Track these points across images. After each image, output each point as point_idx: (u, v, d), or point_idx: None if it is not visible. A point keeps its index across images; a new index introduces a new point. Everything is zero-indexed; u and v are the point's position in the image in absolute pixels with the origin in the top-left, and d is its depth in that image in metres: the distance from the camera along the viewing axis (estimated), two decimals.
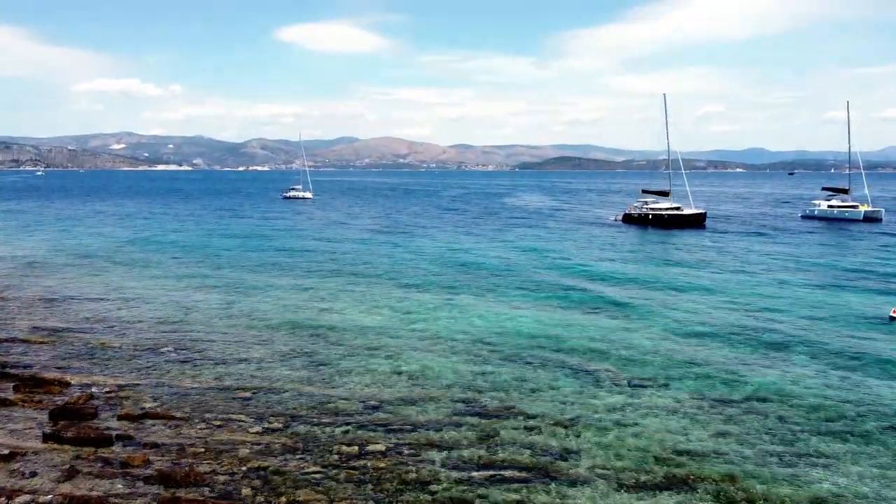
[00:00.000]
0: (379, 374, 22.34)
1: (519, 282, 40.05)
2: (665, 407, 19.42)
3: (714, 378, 22.02)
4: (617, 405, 19.54)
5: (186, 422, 17.89)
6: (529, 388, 20.88)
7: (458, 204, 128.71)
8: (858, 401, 19.90)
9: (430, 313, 31.34)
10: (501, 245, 58.68)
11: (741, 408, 19.39)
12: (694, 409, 19.24)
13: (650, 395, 20.46)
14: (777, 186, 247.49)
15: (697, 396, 20.31)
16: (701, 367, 23.08)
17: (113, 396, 19.69)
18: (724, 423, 18.23)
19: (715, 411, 19.14)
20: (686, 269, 45.12)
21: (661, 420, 18.44)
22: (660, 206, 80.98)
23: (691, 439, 17.21)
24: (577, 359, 24.13)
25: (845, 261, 49.17)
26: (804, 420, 18.42)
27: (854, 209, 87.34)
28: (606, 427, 17.87)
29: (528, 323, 29.57)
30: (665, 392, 20.71)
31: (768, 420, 18.44)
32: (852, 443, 17.05)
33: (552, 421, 18.28)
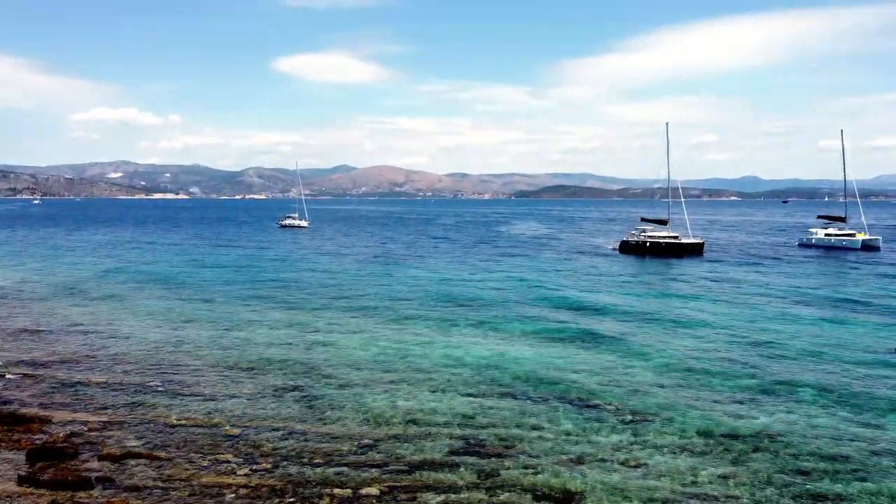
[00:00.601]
0: (373, 410, 21.53)
1: (516, 313, 39.35)
2: (671, 445, 18.64)
3: (720, 414, 21.27)
4: (621, 443, 18.76)
5: (171, 462, 17.05)
6: (530, 425, 20.08)
7: (454, 233, 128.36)
8: (871, 439, 19.15)
9: (426, 346, 30.57)
10: (498, 275, 58.05)
11: (750, 446, 18.61)
12: (701, 448, 18.47)
13: (655, 431, 19.68)
14: (772, 214, 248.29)
15: (704, 434, 19.54)
16: (706, 403, 22.33)
17: (95, 435, 18.84)
18: (734, 464, 17.44)
19: (723, 449, 18.36)
20: (686, 300, 44.49)
21: (667, 459, 17.66)
22: (658, 234, 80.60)
23: (700, 481, 16.41)
24: (578, 393, 23.36)
25: (846, 291, 48.62)
26: (816, 460, 17.64)
27: (851, 237, 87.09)
28: (611, 467, 17.09)
29: (528, 356, 28.83)
30: (670, 428, 19.93)
31: (779, 459, 17.66)
32: (869, 482, 16.28)
33: (554, 460, 17.48)
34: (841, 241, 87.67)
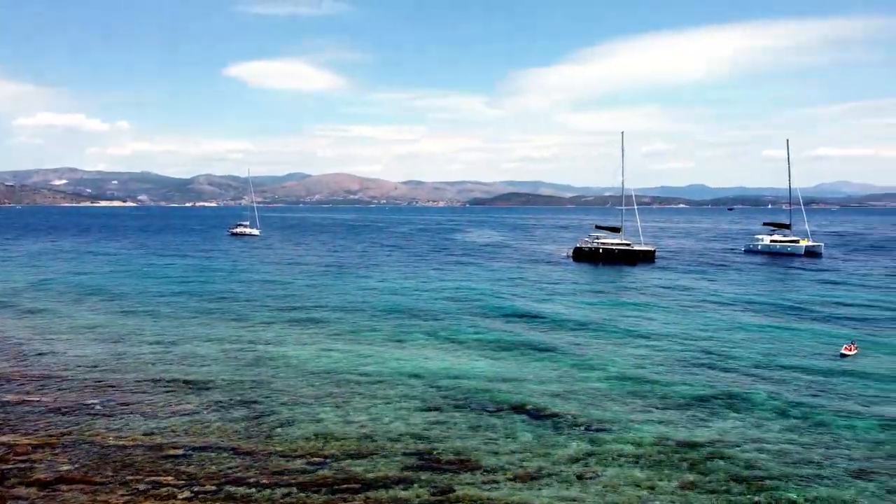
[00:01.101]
0: (325, 425, 20.82)
1: (471, 322, 38.99)
2: (628, 455, 18.43)
3: (675, 422, 21.22)
4: (578, 454, 18.47)
5: (106, 487, 16.08)
6: (486, 438, 19.65)
7: (408, 240, 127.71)
8: (823, 443, 19.31)
9: (379, 358, 29.91)
10: (453, 283, 57.67)
11: (706, 453, 18.54)
12: (658, 457, 18.31)
13: (612, 441, 19.47)
14: (718, 222, 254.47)
15: (660, 442, 19.40)
16: (661, 412, 22.26)
17: (24, 459, 17.68)
18: (690, 472, 17.32)
19: (679, 458, 18.23)
20: (639, 308, 44.81)
21: (625, 470, 17.43)
22: (611, 241, 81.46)
23: (658, 492, 16.22)
24: (534, 404, 23.04)
25: (792, 297, 49.72)
26: (770, 467, 17.64)
27: (795, 244, 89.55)
28: (569, 480, 16.77)
29: (483, 366, 28.45)
30: (627, 438, 19.75)
31: (735, 467, 17.60)
32: (822, 487, 16.32)
33: (511, 475, 17.08)
34: (786, 248, 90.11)
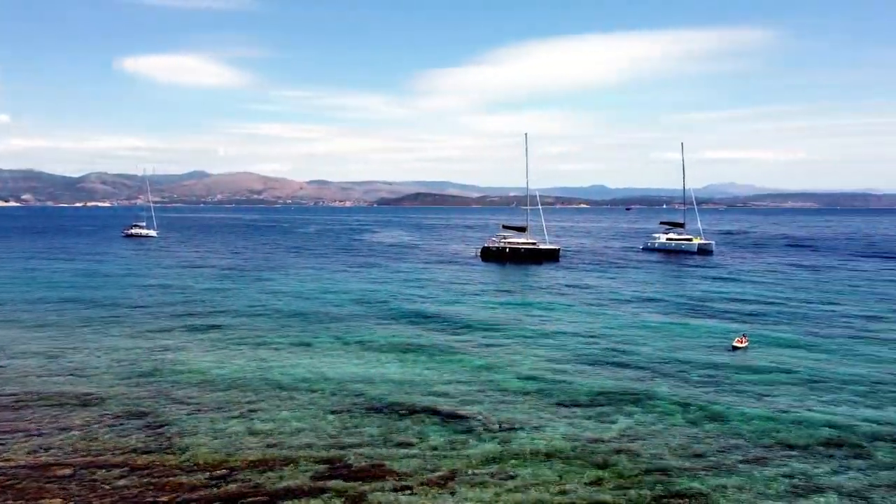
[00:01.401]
0: (229, 435, 19.91)
1: (381, 323, 38.58)
2: (540, 453, 18.60)
3: (584, 419, 21.65)
4: (491, 455, 18.47)
5: None
6: (398, 442, 19.35)
7: (315, 241, 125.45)
8: (721, 435, 20.17)
9: (287, 361, 29.03)
10: (361, 284, 57.01)
11: (614, 448, 18.98)
12: (569, 454, 18.58)
13: (524, 440, 19.61)
14: (617, 221, 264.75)
15: (571, 438, 19.72)
16: (570, 409, 22.66)
17: None
18: (600, 468, 17.65)
19: (589, 454, 18.56)
20: (545, 307, 45.73)
21: (537, 469, 17.56)
22: (517, 241, 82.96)
23: (569, 488, 16.42)
24: (446, 405, 22.94)
25: (687, 292, 52.17)
26: (675, 459, 18.26)
27: (689, 242, 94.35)
28: (483, 481, 16.71)
29: (393, 369, 28.12)
30: (538, 436, 19.95)
31: (641, 461, 18.09)
32: (722, 478, 17.01)
33: (424, 479, 16.85)
34: (680, 246, 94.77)
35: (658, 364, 28.82)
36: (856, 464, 17.90)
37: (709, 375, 26.96)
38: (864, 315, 40.94)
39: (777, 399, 23.72)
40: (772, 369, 27.75)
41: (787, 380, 26.13)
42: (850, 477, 17.10)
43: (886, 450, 18.91)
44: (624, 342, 33.34)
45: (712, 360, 29.59)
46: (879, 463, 18.01)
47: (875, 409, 22.52)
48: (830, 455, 18.51)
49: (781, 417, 21.54)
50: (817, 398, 23.76)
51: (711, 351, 31.41)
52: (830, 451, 18.77)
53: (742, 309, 43.53)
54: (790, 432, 20.24)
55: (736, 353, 30.79)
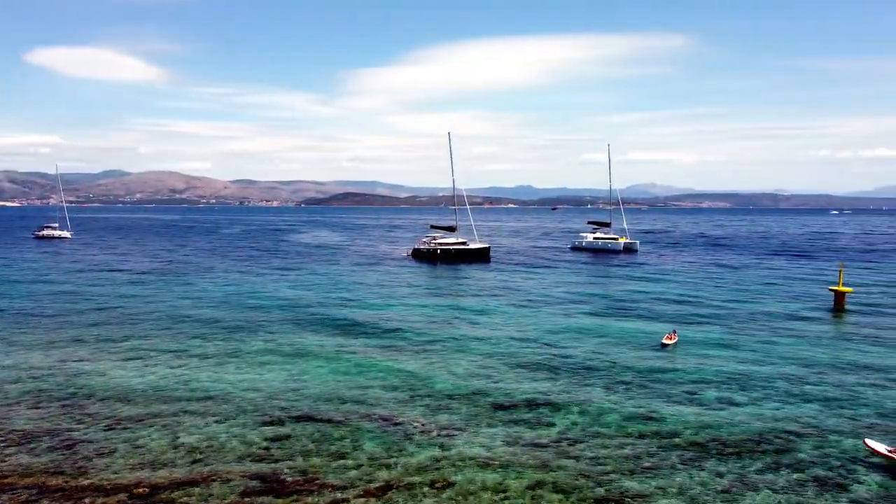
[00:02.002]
0: (151, 450, 18.73)
1: (311, 326, 37.55)
2: (479, 458, 18.27)
3: (522, 419, 21.47)
4: (430, 462, 18.01)
5: None
6: (333, 453, 18.63)
7: (241, 242, 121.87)
8: (656, 433, 20.35)
9: (213, 369, 27.75)
10: (290, 286, 55.55)
11: (553, 451, 18.85)
12: (508, 457, 18.32)
13: (463, 444, 19.24)
14: (545, 220, 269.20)
15: (509, 441, 19.49)
16: (508, 412, 22.45)
17: None
18: (540, 470, 17.46)
19: (528, 457, 18.36)
20: (478, 308, 45.63)
21: (477, 474, 17.21)
22: (447, 241, 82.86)
23: (510, 494, 16.14)
24: (382, 410, 22.35)
25: (615, 292, 53.14)
26: (614, 460, 18.26)
27: (615, 241, 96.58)
28: (422, 491, 16.24)
29: (325, 373, 27.29)
30: (477, 440, 19.63)
31: (581, 463, 18.01)
32: (661, 478, 17.10)
33: (362, 490, 16.24)
34: (607, 245, 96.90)
35: (592, 364, 29.03)
36: (785, 461, 18.33)
37: (641, 374, 27.31)
38: (783, 313, 42.61)
39: (707, 397, 24.20)
40: (700, 367, 28.37)
41: (715, 377, 26.75)
42: (782, 475, 17.49)
43: (810, 446, 19.48)
44: (557, 343, 33.50)
45: (643, 358, 30.04)
46: (806, 460, 18.51)
47: (798, 407, 23.25)
48: (762, 452, 18.91)
49: (713, 416, 21.95)
50: (745, 396, 24.37)
51: (642, 350, 31.90)
52: (762, 448, 19.18)
53: (668, 308, 44.59)
54: (722, 431, 20.61)
55: (666, 351, 31.38)
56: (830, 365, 28.89)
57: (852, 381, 26.31)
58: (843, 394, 24.65)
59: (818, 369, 28.12)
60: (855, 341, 33.88)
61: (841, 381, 26.33)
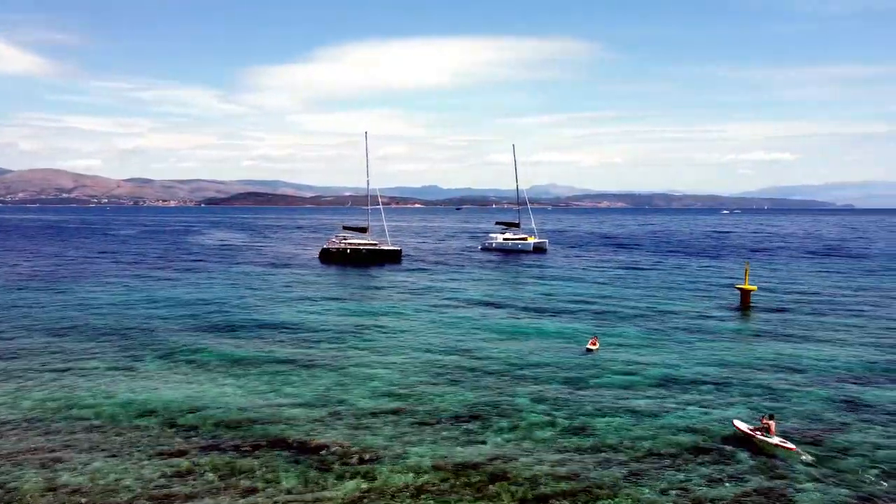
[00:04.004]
0: (23, 494, 15.99)
1: (214, 338, 34.71)
2: (408, 487, 16.65)
3: (450, 440, 19.96)
4: (353, 494, 16.23)
5: None
6: (243, 488, 16.50)
7: (135, 244, 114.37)
8: (591, 447, 19.36)
9: (101, 391, 24.72)
10: (189, 293, 51.84)
11: (488, 472, 17.48)
12: (440, 485, 16.79)
13: (389, 471, 17.55)
14: (452, 220, 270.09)
15: (439, 466, 17.93)
16: (434, 429, 20.91)
17: None
18: (476, 500, 16.02)
19: (462, 484, 16.90)
20: (393, 312, 43.92)
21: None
22: (358, 242, 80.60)
23: None
24: (296, 434, 20.30)
25: (530, 293, 52.72)
26: (553, 480, 17.06)
27: (525, 241, 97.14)
28: None
29: (232, 392, 24.86)
30: (404, 465, 17.98)
31: (518, 486, 16.71)
32: (605, 498, 16.05)
33: None
34: (516, 245, 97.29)
35: (516, 371, 27.97)
36: (727, 471, 17.72)
37: (567, 380, 26.48)
38: (694, 312, 43.29)
39: (637, 403, 23.57)
40: (625, 371, 27.88)
41: (642, 383, 26.25)
42: (724, 485, 16.83)
43: (746, 452, 19.04)
44: (478, 349, 32.29)
45: (568, 364, 29.26)
46: (743, 468, 17.99)
47: (724, 409, 22.96)
48: (700, 462, 18.26)
49: (647, 425, 21.24)
50: (673, 400, 23.92)
51: (565, 355, 31.17)
52: (699, 458, 18.55)
53: (584, 309, 44.40)
54: (657, 440, 19.90)
55: (590, 356, 30.77)
56: (748, 364, 29.08)
57: (772, 379, 26.45)
58: (765, 393, 24.65)
59: (737, 370, 28.21)
60: (767, 339, 34.54)
61: (762, 380, 26.41)
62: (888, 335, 35.54)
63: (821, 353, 31.44)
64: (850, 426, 21.28)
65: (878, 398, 24.28)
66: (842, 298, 48.88)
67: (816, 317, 41.13)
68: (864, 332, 36.56)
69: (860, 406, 23.37)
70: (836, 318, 40.79)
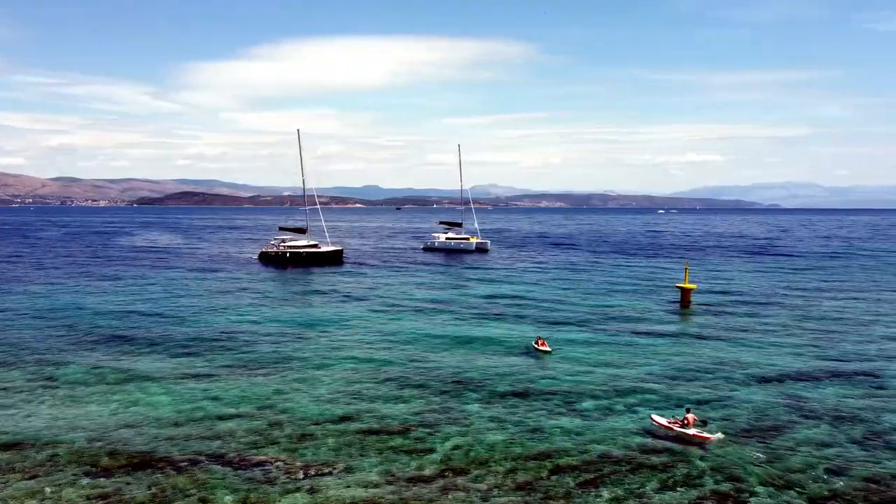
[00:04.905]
0: None
1: (144, 345, 32.95)
2: (357, 501, 15.80)
3: (400, 449, 19.20)
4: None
5: None
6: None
7: (60, 247, 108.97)
8: (543, 455, 18.91)
9: (21, 406, 22.96)
10: (119, 297, 49.40)
11: (439, 485, 16.80)
12: (388, 499, 16.01)
13: (336, 485, 16.67)
14: (393, 220, 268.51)
15: (389, 480, 17.15)
16: (381, 438, 20.11)
17: None
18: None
19: (413, 494, 16.17)
20: (336, 315, 42.82)
21: None
22: (298, 243, 78.76)
23: None
24: (235, 447, 19.18)
25: (474, 293, 52.37)
26: (506, 488, 16.53)
27: (468, 241, 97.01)
28: None
29: (163, 403, 23.46)
30: (352, 478, 17.13)
31: (473, 497, 16.09)
32: None
33: None
34: (459, 245, 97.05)
35: (463, 376, 27.38)
36: (680, 474, 17.53)
37: (516, 384, 26.04)
38: (636, 310, 43.70)
39: (586, 405, 23.33)
40: (573, 374, 27.66)
41: (590, 384, 26.05)
42: (678, 489, 16.63)
43: (697, 453, 18.95)
44: (424, 353, 31.59)
45: (515, 367, 28.88)
46: (695, 470, 17.86)
47: (673, 410, 22.91)
48: (653, 466, 18.04)
49: (597, 429, 20.96)
50: (622, 401, 23.77)
51: (512, 357, 30.80)
52: (651, 461, 18.34)
53: (529, 310, 44.28)
54: (608, 444, 19.63)
55: (537, 358, 30.47)
56: (693, 364, 29.30)
57: (716, 379, 26.68)
58: (711, 393, 24.79)
59: (683, 369, 28.39)
60: (709, 338, 35.00)
61: (707, 380, 26.61)
62: (821, 333, 36.56)
63: (761, 351, 32.02)
64: (796, 425, 21.52)
65: (819, 396, 24.74)
66: (776, 296, 50.27)
67: (753, 315, 42.06)
68: (799, 329, 37.53)
69: (802, 404, 23.72)
70: (772, 316, 41.81)
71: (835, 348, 32.66)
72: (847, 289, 54.93)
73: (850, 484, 17.07)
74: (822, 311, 43.72)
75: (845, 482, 17.15)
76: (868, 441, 20.10)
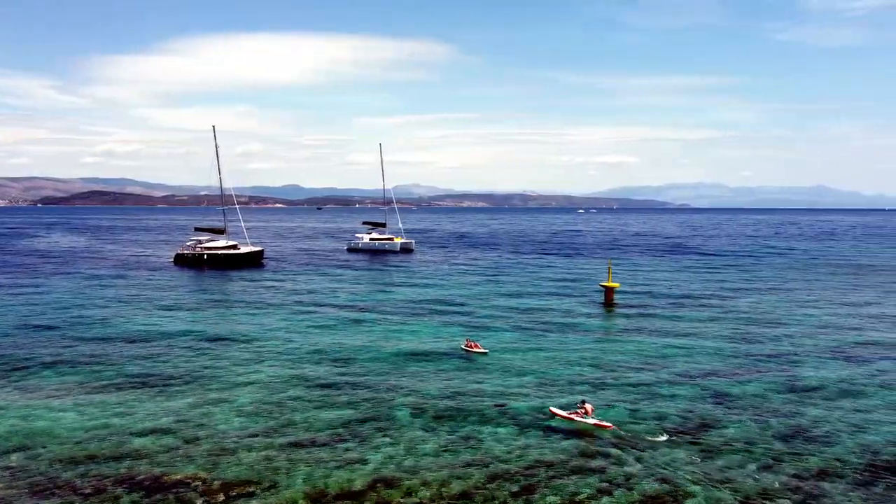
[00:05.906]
0: None
1: (51, 355, 30.53)
2: None
3: (328, 458, 18.24)
4: None
5: None
6: None
7: None
8: (476, 462, 18.34)
9: None
10: (17, 305, 45.95)
11: (369, 501, 15.95)
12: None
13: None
14: (314, 220, 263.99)
15: (316, 497, 16.16)
16: (310, 450, 19.07)
17: None
18: None
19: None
20: (257, 319, 41.12)
21: None
22: (216, 245, 75.81)
23: None
24: (148, 468, 17.73)
25: (400, 294, 51.57)
26: (441, 499, 15.83)
27: (392, 241, 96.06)
28: None
29: (70, 418, 21.61)
30: (277, 498, 16.04)
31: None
32: None
33: None
34: (384, 245, 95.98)
35: (393, 380, 26.59)
36: (616, 475, 17.31)
37: (447, 388, 25.45)
38: (562, 310, 43.99)
39: (518, 408, 22.96)
40: (504, 375, 27.34)
41: (522, 386, 25.79)
42: (614, 493, 16.38)
43: (632, 454, 18.83)
44: (351, 358, 30.57)
45: (445, 370, 28.31)
46: (632, 470, 17.70)
47: (605, 410, 22.85)
48: (588, 469, 17.77)
49: (530, 433, 20.58)
50: (553, 402, 23.49)
51: (441, 360, 30.19)
52: (586, 464, 18.06)
53: (456, 310, 43.88)
54: (543, 448, 19.27)
55: (466, 360, 30.00)
56: (620, 362, 29.51)
57: (643, 377, 26.89)
58: (639, 390, 24.92)
59: (610, 368, 28.52)
60: (634, 335, 35.47)
61: (635, 378, 26.78)
62: (738, 328, 37.69)
63: (684, 347, 32.65)
64: (723, 421, 21.81)
65: (742, 391, 25.25)
66: (694, 293, 51.77)
67: (674, 312, 43.06)
68: (718, 325, 38.58)
69: (728, 400, 24.14)
70: (692, 312, 42.91)
71: (753, 344, 33.65)
72: (759, 287, 57.21)
73: (778, 479, 17.28)
74: (739, 307, 45.21)
75: (774, 478, 17.36)
76: (791, 436, 20.53)
